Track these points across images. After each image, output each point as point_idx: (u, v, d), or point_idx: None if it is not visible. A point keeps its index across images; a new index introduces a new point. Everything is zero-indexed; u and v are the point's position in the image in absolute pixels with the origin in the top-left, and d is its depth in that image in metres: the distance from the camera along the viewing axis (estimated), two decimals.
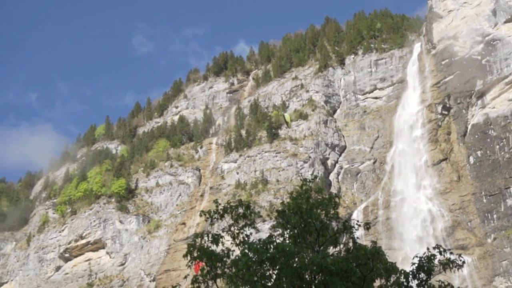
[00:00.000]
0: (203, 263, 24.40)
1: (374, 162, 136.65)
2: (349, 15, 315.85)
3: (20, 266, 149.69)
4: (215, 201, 26.43)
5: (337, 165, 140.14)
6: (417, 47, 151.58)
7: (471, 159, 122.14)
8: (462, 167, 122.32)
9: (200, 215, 26.74)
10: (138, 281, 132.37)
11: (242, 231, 25.27)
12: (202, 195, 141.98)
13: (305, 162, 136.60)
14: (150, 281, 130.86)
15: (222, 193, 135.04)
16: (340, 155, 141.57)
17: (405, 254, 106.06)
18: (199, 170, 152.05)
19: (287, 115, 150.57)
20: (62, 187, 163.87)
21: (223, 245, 24.79)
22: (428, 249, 24.41)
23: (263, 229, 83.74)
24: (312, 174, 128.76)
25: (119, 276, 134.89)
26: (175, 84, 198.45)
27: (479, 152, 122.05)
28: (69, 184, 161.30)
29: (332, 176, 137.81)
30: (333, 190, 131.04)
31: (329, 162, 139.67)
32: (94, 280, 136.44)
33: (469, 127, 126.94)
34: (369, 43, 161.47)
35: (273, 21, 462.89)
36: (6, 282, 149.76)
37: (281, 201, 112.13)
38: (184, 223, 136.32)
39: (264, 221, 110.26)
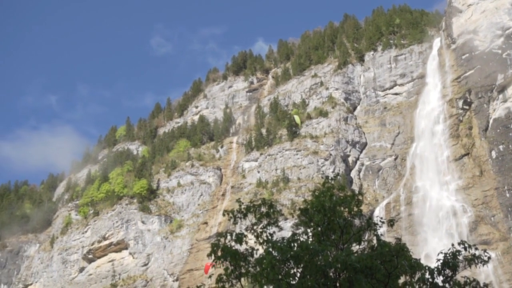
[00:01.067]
0: (212, 264, 24.45)
1: (395, 159, 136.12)
2: (367, 12, 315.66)
3: (44, 268, 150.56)
4: (238, 200, 26.45)
5: (358, 162, 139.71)
6: (436, 42, 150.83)
7: (493, 154, 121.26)
8: (484, 162, 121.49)
9: (224, 215, 26.80)
10: (162, 281, 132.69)
11: (265, 229, 25.31)
12: (223, 194, 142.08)
13: (326, 159, 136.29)
14: (173, 281, 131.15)
15: (243, 192, 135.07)
16: (361, 152, 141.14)
17: (428, 250, 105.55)
18: (220, 170, 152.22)
19: (296, 117, 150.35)
20: (84, 188, 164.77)
21: (246, 244, 24.80)
22: (452, 245, 24.29)
23: (285, 227, 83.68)
24: (333, 172, 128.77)
25: (142, 276, 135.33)
26: (194, 84, 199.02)
27: (501, 147, 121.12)
28: (91, 186, 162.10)
29: (353, 173, 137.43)
30: (355, 187, 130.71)
31: (350, 159, 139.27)
32: (118, 281, 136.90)
33: (491, 121, 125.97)
34: (388, 39, 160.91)
35: (292, 19, 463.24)
36: (31, 284, 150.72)
37: (302, 199, 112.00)
38: (206, 223, 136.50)
39: (286, 219, 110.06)
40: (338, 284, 23.03)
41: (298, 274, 23.55)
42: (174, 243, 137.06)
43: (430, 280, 23.61)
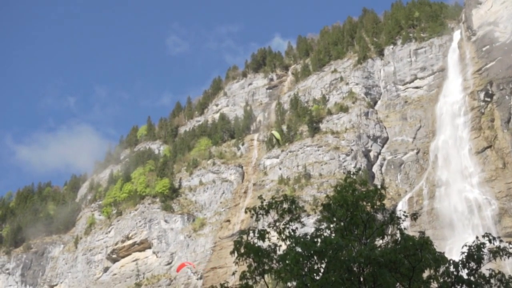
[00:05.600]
0: (187, 264, 24.54)
1: (417, 152, 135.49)
2: (386, 5, 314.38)
3: (69, 268, 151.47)
4: (260, 197, 26.41)
5: (380, 157, 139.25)
6: (456, 35, 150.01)
7: None
8: (507, 154, 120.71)
9: (246, 212, 26.75)
10: (185, 280, 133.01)
11: (287, 226, 25.26)
12: (245, 192, 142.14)
13: (347, 155, 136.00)
14: (197, 279, 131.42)
15: (265, 189, 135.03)
16: (382, 147, 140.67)
17: (452, 244, 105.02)
18: (242, 167, 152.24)
19: (275, 132, 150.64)
20: (107, 189, 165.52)
21: (269, 240, 24.78)
22: (477, 237, 24.11)
23: (308, 224, 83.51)
24: (355, 167, 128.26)
25: (166, 275, 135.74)
26: (214, 82, 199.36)
27: None
28: (114, 186, 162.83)
29: (375, 168, 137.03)
30: (377, 182, 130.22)
31: (371, 154, 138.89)
32: (142, 280, 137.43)
33: None
34: (408, 32, 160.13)
35: (309, 15, 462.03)
36: (56, 285, 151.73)
37: (324, 195, 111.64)
38: (228, 220, 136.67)
39: (308, 215, 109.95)
40: (362, 279, 22.96)
41: (322, 270, 23.50)
42: (197, 241, 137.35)
43: (455, 273, 23.45)
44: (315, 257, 23.32)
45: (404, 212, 25.21)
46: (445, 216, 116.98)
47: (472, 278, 23.63)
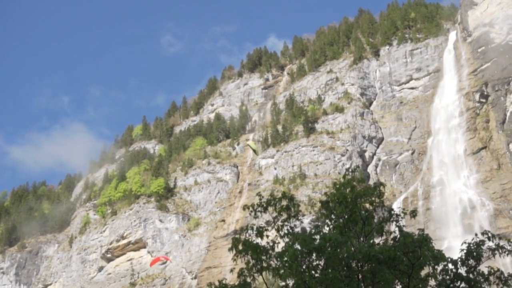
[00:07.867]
0: (160, 259, 24.48)
1: (412, 153, 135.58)
2: (382, 6, 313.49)
3: (63, 267, 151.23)
4: (258, 194, 26.38)
5: (375, 157, 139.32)
6: (452, 36, 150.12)
7: (511, 147, 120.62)
8: (502, 155, 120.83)
9: (244, 209, 26.71)
10: (180, 279, 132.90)
11: (286, 223, 25.23)
12: (240, 192, 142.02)
13: (342, 155, 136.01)
14: (192, 279, 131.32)
15: (260, 189, 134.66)
16: (377, 147, 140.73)
17: (447, 244, 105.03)
18: (237, 167, 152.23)
19: (251, 142, 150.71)
20: (102, 188, 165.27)
21: (267, 237, 24.75)
22: (476, 235, 24.12)
23: (303, 223, 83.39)
24: (350, 167, 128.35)
25: (161, 275, 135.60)
26: (210, 82, 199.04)
27: None
28: (109, 185, 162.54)
29: (370, 169, 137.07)
30: (372, 182, 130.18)
31: (366, 155, 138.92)
32: (137, 280, 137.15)
33: (508, 114, 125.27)
34: (404, 33, 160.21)
35: (305, 15, 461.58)
36: (50, 284, 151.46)
37: (320, 195, 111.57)
38: (223, 220, 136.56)
39: (303, 215, 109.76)
40: (361, 276, 22.93)
41: (321, 266, 23.46)
42: (192, 241, 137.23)
43: (454, 270, 23.45)
44: (314, 254, 23.30)
45: (403, 209, 25.20)
46: (440, 217, 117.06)
47: (471, 275, 23.63)
